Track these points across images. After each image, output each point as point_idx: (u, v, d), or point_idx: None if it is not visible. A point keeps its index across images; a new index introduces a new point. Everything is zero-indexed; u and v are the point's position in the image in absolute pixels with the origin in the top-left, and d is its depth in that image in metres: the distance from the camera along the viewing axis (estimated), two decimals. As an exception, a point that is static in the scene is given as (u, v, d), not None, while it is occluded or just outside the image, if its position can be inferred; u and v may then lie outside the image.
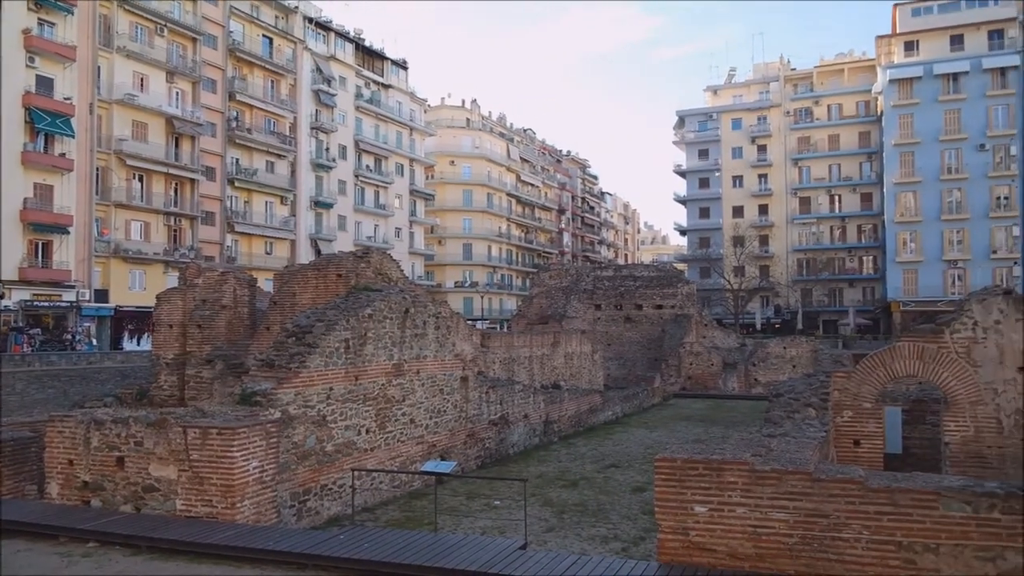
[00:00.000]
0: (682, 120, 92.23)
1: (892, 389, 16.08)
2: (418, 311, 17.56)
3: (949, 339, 13.12)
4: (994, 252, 66.67)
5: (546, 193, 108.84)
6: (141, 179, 51.26)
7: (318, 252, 61.97)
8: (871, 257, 78.76)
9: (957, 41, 70.37)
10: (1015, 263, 65.51)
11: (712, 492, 8.08)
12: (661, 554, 8.31)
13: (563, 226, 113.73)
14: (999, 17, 69.02)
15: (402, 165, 79.73)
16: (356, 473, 14.21)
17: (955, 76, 68.89)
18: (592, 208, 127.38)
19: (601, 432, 26.85)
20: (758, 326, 75.47)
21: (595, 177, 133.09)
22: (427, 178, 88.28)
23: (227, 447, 10.89)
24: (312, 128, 66.94)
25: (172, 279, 46.54)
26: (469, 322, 31.87)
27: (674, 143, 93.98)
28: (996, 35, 69.28)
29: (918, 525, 7.37)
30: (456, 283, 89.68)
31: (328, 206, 68.50)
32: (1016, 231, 66.27)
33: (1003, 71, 67.47)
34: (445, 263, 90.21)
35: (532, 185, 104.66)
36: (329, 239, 67.28)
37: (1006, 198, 66.98)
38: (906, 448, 15.36)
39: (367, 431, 15.40)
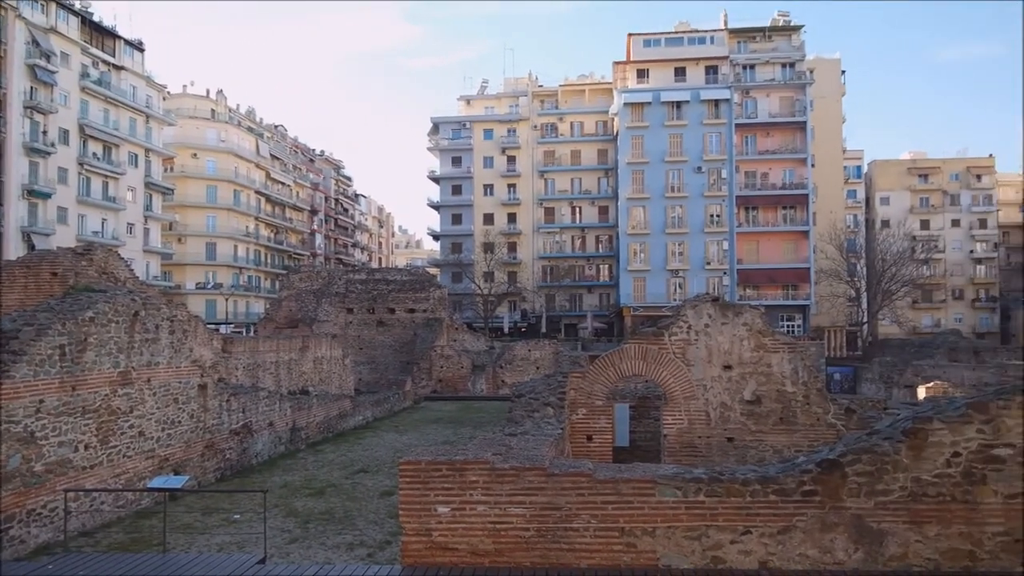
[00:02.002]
0: (436, 127, 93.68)
1: (622, 388, 17.51)
2: (150, 314, 16.20)
3: (668, 341, 14.56)
4: (708, 263, 75.10)
5: (298, 193, 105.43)
6: None
7: (32, 247, 55.02)
8: (607, 265, 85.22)
9: (680, 73, 78.44)
10: (724, 273, 74.45)
11: (455, 492, 8.26)
12: (405, 557, 8.35)
13: (315, 227, 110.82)
14: (714, 55, 78.07)
15: (136, 155, 73.14)
16: (71, 494, 12.79)
17: (678, 104, 76.78)
18: (346, 210, 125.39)
19: (351, 437, 26.51)
20: (506, 329, 78.73)
21: (349, 179, 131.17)
22: (166, 171, 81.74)
23: (-98, 473, 9.30)
24: (26, 107, 59.31)
25: None
26: (211, 326, 30.03)
27: (428, 149, 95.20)
28: (712, 71, 78.18)
29: (638, 511, 8.05)
30: (198, 284, 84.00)
31: (45, 196, 61.07)
32: (726, 245, 75.27)
33: (717, 103, 76.43)
34: (186, 263, 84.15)
35: (283, 184, 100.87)
36: (46, 233, 60.02)
37: (718, 215, 75.79)
38: (633, 441, 16.81)
39: (86, 447, 13.92)
